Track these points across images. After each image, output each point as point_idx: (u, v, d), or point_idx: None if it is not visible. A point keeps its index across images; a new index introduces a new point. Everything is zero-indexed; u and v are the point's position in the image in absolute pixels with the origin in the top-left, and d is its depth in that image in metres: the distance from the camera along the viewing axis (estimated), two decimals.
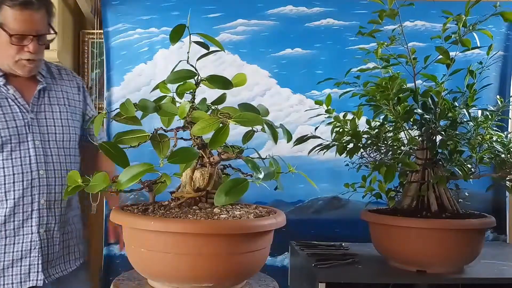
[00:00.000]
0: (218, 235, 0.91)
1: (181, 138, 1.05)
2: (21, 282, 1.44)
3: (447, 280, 1.48)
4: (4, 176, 1.43)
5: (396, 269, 1.53)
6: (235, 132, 0.97)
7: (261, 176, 0.91)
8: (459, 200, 1.60)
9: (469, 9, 1.34)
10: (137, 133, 1.02)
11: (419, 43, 2.24)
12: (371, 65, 1.58)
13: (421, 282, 1.55)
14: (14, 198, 1.44)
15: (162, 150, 1.03)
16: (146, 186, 1.05)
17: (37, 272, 1.46)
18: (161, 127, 1.05)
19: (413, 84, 1.52)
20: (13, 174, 1.43)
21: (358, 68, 1.59)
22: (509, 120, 2.23)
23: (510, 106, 1.85)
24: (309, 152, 1.63)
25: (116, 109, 1.01)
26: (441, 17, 1.40)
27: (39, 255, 1.46)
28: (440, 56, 1.40)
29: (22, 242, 1.45)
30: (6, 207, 1.44)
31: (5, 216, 1.43)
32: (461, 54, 1.59)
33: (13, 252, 1.45)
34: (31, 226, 1.46)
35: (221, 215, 0.95)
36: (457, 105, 1.53)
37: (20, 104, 1.47)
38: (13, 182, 1.44)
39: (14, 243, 1.45)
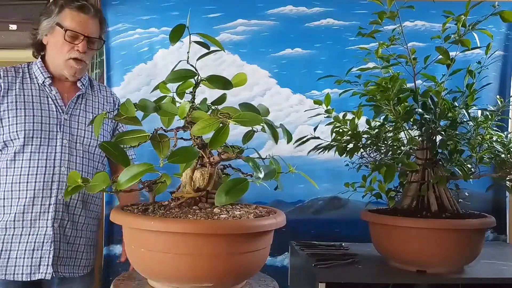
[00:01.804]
0: (218, 235, 0.90)
1: (181, 138, 1.05)
2: (31, 273, 1.50)
3: (447, 280, 1.48)
4: (29, 167, 1.52)
5: (396, 269, 1.53)
6: (235, 132, 0.97)
7: (261, 175, 0.91)
8: (459, 200, 1.60)
9: (470, 10, 1.34)
10: (137, 133, 1.02)
11: (419, 43, 2.24)
12: (371, 64, 1.58)
13: (421, 282, 1.55)
14: (34, 189, 1.51)
15: (162, 150, 1.03)
16: (146, 186, 1.05)
17: (47, 265, 1.51)
18: (161, 127, 1.05)
19: (413, 84, 1.52)
20: (37, 167, 1.52)
21: (359, 68, 1.59)
22: (509, 120, 2.24)
23: (510, 106, 1.86)
24: (309, 152, 1.63)
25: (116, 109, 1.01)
26: (441, 17, 1.40)
27: (51, 249, 1.51)
28: (440, 56, 1.40)
29: (37, 234, 1.51)
30: (26, 197, 1.51)
31: (24, 205, 1.51)
32: (461, 54, 1.60)
33: (27, 242, 1.50)
34: (47, 219, 1.52)
35: (221, 215, 0.95)
36: (457, 105, 1.53)
37: (58, 104, 1.60)
38: (36, 174, 1.52)
39: (29, 234, 1.51)
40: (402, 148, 1.55)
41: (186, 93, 1.04)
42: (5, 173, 1.53)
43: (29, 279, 1.50)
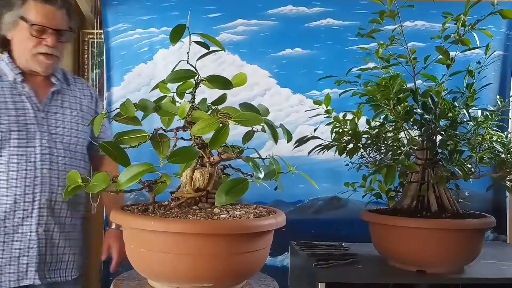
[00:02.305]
0: (218, 235, 0.90)
1: (181, 138, 1.05)
2: (18, 279, 1.45)
3: (447, 280, 1.48)
4: (8, 171, 1.45)
5: (396, 269, 1.53)
6: (235, 132, 0.97)
7: (261, 175, 0.91)
8: (459, 200, 1.60)
9: (469, 9, 1.34)
10: (137, 133, 1.02)
11: (419, 43, 2.24)
12: (371, 64, 1.58)
13: (421, 282, 1.55)
14: (15, 195, 1.45)
15: (162, 150, 1.03)
16: (146, 186, 1.05)
17: (35, 271, 1.46)
18: (161, 127, 1.05)
19: (413, 84, 1.52)
20: (17, 171, 1.45)
21: (359, 68, 1.59)
22: (509, 120, 2.23)
23: (510, 106, 1.85)
24: (309, 152, 1.63)
25: (116, 109, 1.01)
26: (441, 17, 1.40)
27: (37, 255, 1.46)
28: (440, 56, 1.40)
29: (21, 240, 1.46)
30: (7, 203, 1.44)
31: (5, 212, 1.44)
32: (461, 54, 1.59)
33: (11, 249, 1.45)
34: (31, 224, 1.46)
35: (221, 215, 0.95)
36: (457, 105, 1.53)
37: (33, 102, 1.51)
38: (16, 178, 1.45)
39: (12, 241, 1.45)
40: (402, 148, 1.55)
41: (186, 93, 1.04)
42: None
43: (17, 286, 1.45)
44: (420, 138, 1.53)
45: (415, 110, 1.47)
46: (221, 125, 0.89)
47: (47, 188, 1.48)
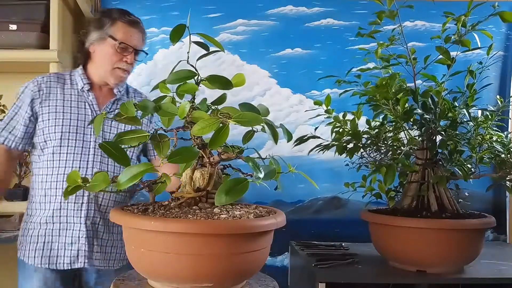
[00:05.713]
0: (218, 235, 0.90)
1: (181, 138, 1.05)
2: (71, 263, 1.64)
3: (447, 280, 1.48)
4: (65, 167, 1.63)
5: (396, 269, 1.53)
6: (235, 132, 0.97)
7: (261, 175, 0.91)
8: (459, 200, 1.60)
9: (471, 10, 1.34)
10: (137, 133, 1.02)
11: (419, 43, 2.25)
12: (371, 65, 1.58)
13: (421, 282, 1.55)
14: None
15: (162, 150, 1.03)
16: (146, 186, 1.05)
17: (84, 256, 1.64)
18: (161, 127, 1.05)
19: (413, 84, 1.52)
20: (72, 167, 1.63)
21: (359, 68, 1.60)
22: (509, 120, 2.24)
23: (510, 106, 1.86)
24: (309, 152, 1.63)
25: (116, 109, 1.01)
26: (441, 17, 1.40)
27: (86, 243, 1.63)
28: (440, 56, 1.40)
29: (73, 230, 1.64)
30: (62, 195, 1.60)
31: (60, 202, 1.63)
32: (461, 54, 1.60)
33: (65, 236, 1.64)
34: (80, 217, 1.63)
35: (221, 215, 0.95)
36: (457, 105, 1.53)
37: (94, 109, 1.71)
38: None
39: (66, 229, 1.64)
40: (402, 148, 1.55)
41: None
42: (46, 172, 1.64)
43: (69, 268, 1.63)
44: (420, 138, 1.53)
45: (415, 110, 1.47)
46: (221, 125, 0.89)
47: None
